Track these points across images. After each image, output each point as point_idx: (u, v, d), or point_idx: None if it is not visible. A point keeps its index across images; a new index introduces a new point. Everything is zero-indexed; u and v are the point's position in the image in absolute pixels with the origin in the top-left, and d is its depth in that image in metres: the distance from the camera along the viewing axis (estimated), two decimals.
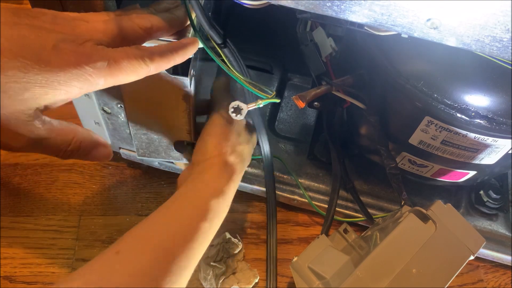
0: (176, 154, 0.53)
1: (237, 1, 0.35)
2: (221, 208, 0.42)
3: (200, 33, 0.38)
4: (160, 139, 0.51)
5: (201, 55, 0.47)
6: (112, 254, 0.35)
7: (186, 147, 0.53)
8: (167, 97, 0.44)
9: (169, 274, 0.35)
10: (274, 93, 0.42)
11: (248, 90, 0.41)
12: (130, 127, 0.50)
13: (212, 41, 0.39)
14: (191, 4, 0.36)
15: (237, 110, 0.41)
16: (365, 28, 0.36)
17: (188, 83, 0.42)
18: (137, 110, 0.47)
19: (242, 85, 0.41)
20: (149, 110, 0.47)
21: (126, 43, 0.33)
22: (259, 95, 0.41)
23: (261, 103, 0.41)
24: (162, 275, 0.35)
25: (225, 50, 0.40)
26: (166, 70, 0.40)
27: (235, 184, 0.45)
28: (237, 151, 0.46)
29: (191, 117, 0.47)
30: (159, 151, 0.53)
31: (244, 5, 0.36)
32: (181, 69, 0.42)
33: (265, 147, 0.52)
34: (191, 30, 0.39)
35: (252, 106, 0.41)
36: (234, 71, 0.40)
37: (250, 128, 0.51)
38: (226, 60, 0.40)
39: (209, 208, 0.41)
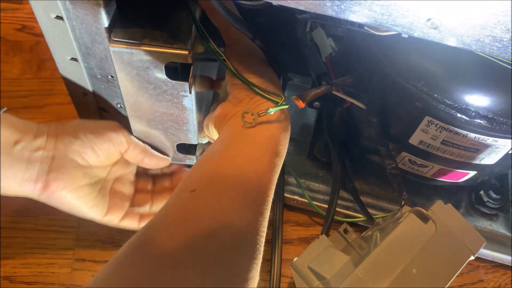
0: (179, 156, 0.53)
1: (235, 2, 0.35)
2: (286, 142, 0.39)
3: (205, 38, 0.39)
4: (163, 143, 0.51)
5: (202, 54, 0.47)
6: (187, 193, 0.32)
7: (189, 149, 0.53)
8: (168, 101, 0.44)
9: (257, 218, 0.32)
10: (284, 98, 0.40)
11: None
12: (132, 131, 0.50)
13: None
14: (217, 5, 0.36)
15: (249, 118, 0.40)
16: (365, 28, 0.36)
17: (188, 87, 0.42)
18: (139, 113, 0.47)
19: (254, 90, 0.41)
20: (150, 114, 0.47)
21: None
22: (270, 99, 0.41)
23: (272, 111, 0.40)
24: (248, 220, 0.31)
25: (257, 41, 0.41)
26: (166, 75, 0.41)
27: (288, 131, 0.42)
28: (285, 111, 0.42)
29: (194, 120, 0.47)
30: (162, 154, 0.53)
31: (243, 5, 0.36)
32: (181, 74, 0.42)
33: None
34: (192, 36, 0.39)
35: (263, 114, 0.40)
36: (240, 76, 0.41)
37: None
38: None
39: (278, 140, 0.38)
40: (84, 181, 0.45)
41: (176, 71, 0.42)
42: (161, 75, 0.41)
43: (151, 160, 0.51)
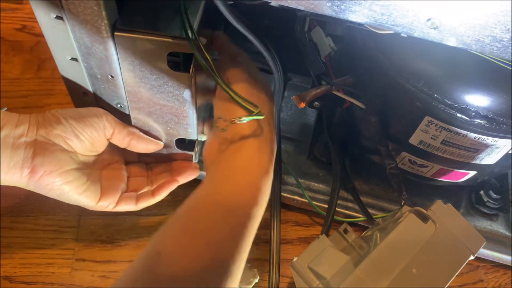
0: (178, 151, 0.53)
1: (236, 1, 0.35)
2: (267, 188, 0.38)
3: (192, 42, 0.39)
4: (162, 137, 0.51)
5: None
6: (153, 253, 0.32)
7: (187, 145, 0.53)
8: (169, 93, 0.44)
9: (222, 282, 0.32)
10: (259, 109, 0.39)
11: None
12: (133, 123, 0.50)
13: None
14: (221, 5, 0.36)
15: (221, 124, 0.40)
16: (365, 25, 0.36)
17: (189, 79, 0.42)
18: (140, 107, 0.47)
19: (230, 95, 0.40)
20: (151, 107, 0.47)
21: None
22: (246, 108, 0.40)
23: (244, 119, 0.38)
24: (211, 282, 0.31)
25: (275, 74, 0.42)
26: (168, 66, 0.41)
27: (274, 158, 0.41)
28: (271, 123, 0.42)
29: (193, 114, 0.47)
30: (161, 149, 0.53)
31: (243, 4, 0.36)
32: (182, 66, 0.42)
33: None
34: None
35: (235, 122, 0.38)
36: (222, 83, 0.41)
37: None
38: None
39: (259, 188, 0.36)
40: (71, 165, 0.44)
41: (178, 65, 0.43)
42: (163, 65, 0.41)
43: (139, 143, 0.49)
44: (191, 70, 0.41)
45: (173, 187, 0.51)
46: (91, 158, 0.48)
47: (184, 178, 0.52)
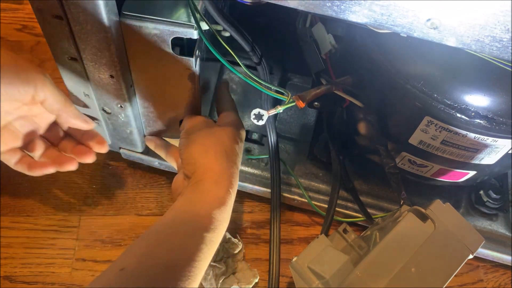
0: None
1: (237, 1, 0.36)
2: (223, 217, 0.42)
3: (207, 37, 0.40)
4: (168, 118, 0.52)
5: (206, 55, 0.47)
6: (116, 271, 0.35)
7: None
8: (174, 77, 0.45)
9: None
10: (289, 94, 0.44)
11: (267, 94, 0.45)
12: (139, 105, 0.51)
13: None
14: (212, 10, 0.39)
15: (259, 117, 0.44)
16: (365, 25, 0.36)
17: (193, 63, 0.43)
18: (146, 88, 0.48)
19: (262, 91, 0.44)
20: (157, 89, 0.48)
21: None
22: (279, 98, 0.44)
23: (281, 109, 0.44)
24: None
25: (259, 67, 0.45)
26: (173, 50, 0.42)
27: (234, 190, 0.45)
28: (233, 160, 0.46)
29: (197, 96, 0.48)
30: (166, 130, 0.54)
31: (243, 2, 0.36)
32: (187, 50, 0.43)
33: (273, 138, 0.54)
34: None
35: (272, 112, 0.44)
36: (254, 78, 0.43)
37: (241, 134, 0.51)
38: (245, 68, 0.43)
39: (212, 218, 0.41)
40: None
41: (182, 48, 0.44)
42: (168, 49, 0.42)
43: (69, 117, 0.48)
44: (194, 55, 0.42)
45: (69, 165, 0.50)
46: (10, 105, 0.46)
47: (81, 159, 0.51)
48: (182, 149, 0.47)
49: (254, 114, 0.44)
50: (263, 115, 0.44)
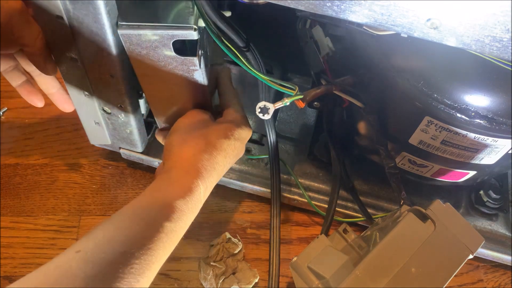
0: None
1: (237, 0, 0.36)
2: (188, 207, 0.41)
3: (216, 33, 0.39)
4: (179, 115, 0.51)
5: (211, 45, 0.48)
6: (72, 253, 0.35)
7: None
8: (181, 77, 0.45)
9: (126, 276, 0.35)
10: (297, 88, 0.41)
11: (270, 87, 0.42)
12: (150, 105, 0.51)
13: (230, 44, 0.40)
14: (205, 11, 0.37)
15: (264, 110, 0.41)
16: (364, 27, 0.36)
17: (197, 62, 0.43)
18: (155, 92, 0.48)
19: (268, 84, 0.42)
20: (166, 91, 0.47)
21: None
22: (286, 92, 0.42)
23: (287, 102, 0.41)
24: (118, 276, 0.34)
25: (248, 53, 0.42)
26: (175, 52, 0.41)
27: (207, 182, 0.43)
28: (213, 154, 0.45)
29: (206, 93, 0.48)
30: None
31: (243, 2, 0.36)
32: (189, 50, 0.43)
33: (273, 138, 0.54)
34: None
35: (279, 105, 0.41)
36: (257, 72, 0.42)
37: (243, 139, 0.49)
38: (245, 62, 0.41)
39: (175, 208, 0.40)
40: None
41: (185, 48, 0.43)
42: (170, 52, 0.41)
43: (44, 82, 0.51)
44: (197, 54, 0.42)
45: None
46: None
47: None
48: (167, 136, 0.47)
49: (260, 108, 0.41)
50: (269, 108, 0.41)
